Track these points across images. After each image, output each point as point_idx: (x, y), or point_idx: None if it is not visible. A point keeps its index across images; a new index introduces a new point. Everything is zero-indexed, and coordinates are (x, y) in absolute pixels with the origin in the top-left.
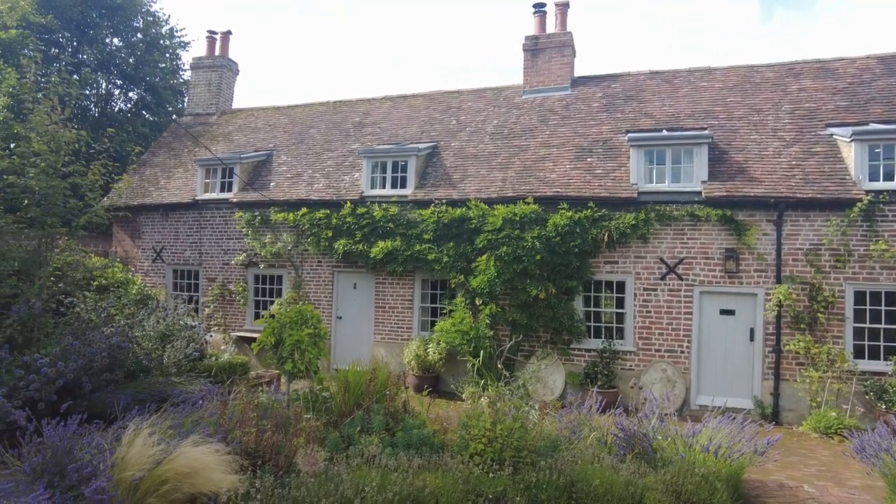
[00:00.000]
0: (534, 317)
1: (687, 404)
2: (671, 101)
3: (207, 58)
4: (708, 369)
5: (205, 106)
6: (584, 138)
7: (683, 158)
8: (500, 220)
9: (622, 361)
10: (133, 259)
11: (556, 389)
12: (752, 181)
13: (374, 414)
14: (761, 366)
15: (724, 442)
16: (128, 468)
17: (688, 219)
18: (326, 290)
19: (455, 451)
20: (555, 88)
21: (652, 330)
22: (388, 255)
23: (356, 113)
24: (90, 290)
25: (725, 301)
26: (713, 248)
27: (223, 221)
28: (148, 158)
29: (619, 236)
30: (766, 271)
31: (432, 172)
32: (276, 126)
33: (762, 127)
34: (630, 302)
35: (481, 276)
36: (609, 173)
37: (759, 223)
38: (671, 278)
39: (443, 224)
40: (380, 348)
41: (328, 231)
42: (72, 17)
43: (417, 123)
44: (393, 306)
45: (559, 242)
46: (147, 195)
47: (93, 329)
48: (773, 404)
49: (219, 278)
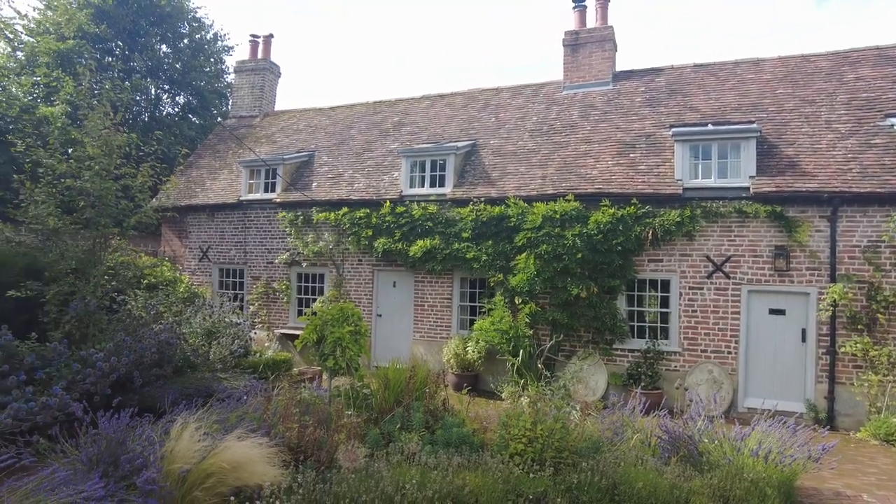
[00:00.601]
0: (575, 316)
1: (734, 406)
2: (717, 94)
3: (250, 61)
4: (756, 371)
5: (248, 108)
6: (626, 133)
7: (730, 153)
8: (539, 218)
9: (666, 362)
10: (181, 258)
11: (597, 390)
12: (804, 176)
13: (413, 412)
14: (814, 368)
15: (775, 447)
16: (176, 461)
17: (735, 215)
18: (366, 288)
19: (495, 450)
20: (596, 83)
21: (697, 330)
22: (426, 254)
23: (395, 113)
24: (140, 288)
25: (775, 300)
26: (762, 245)
27: (267, 221)
28: (194, 160)
29: (663, 234)
30: (820, 269)
31: (471, 171)
32: (318, 127)
33: (815, 119)
34: (675, 301)
35: (520, 274)
36: (653, 169)
37: (812, 219)
38: (718, 277)
39: (481, 222)
40: (419, 346)
41: (368, 230)
42: (124, 26)
43: (456, 122)
44: (432, 304)
45: (601, 240)
46: (193, 196)
47: (143, 326)
48: (828, 408)
49: (263, 277)
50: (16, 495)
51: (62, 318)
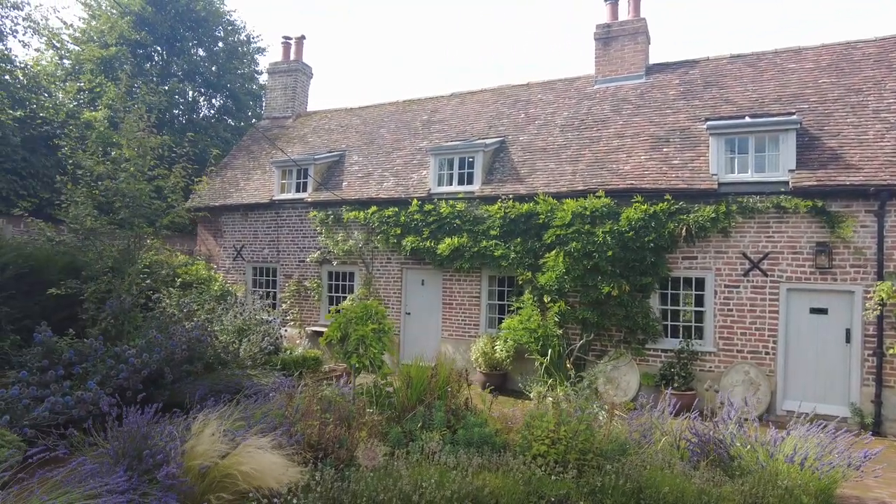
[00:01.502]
0: (605, 315)
1: (772, 409)
2: (754, 85)
3: (283, 63)
4: (796, 372)
5: (281, 109)
6: (659, 128)
7: (768, 146)
8: (569, 215)
9: (701, 363)
10: (216, 257)
11: (629, 391)
12: (849, 168)
13: (435, 410)
14: (860, 370)
15: (813, 452)
16: (196, 457)
17: (773, 211)
18: (395, 286)
19: (517, 451)
20: (628, 77)
21: (734, 329)
22: (454, 252)
23: (424, 111)
24: (174, 286)
25: (816, 299)
26: (802, 241)
27: (299, 220)
28: (229, 161)
29: (697, 230)
30: (865, 266)
31: (499, 168)
32: (349, 127)
33: (861, 109)
34: (710, 300)
35: (549, 272)
36: (687, 164)
37: (857, 214)
38: (755, 274)
39: (509, 220)
40: (447, 344)
41: (396, 228)
42: (163, 32)
43: (485, 119)
44: (460, 303)
45: (632, 237)
46: (228, 196)
47: (175, 323)
48: (875, 413)
49: (295, 275)
50: (46, 486)
51: (99, 315)
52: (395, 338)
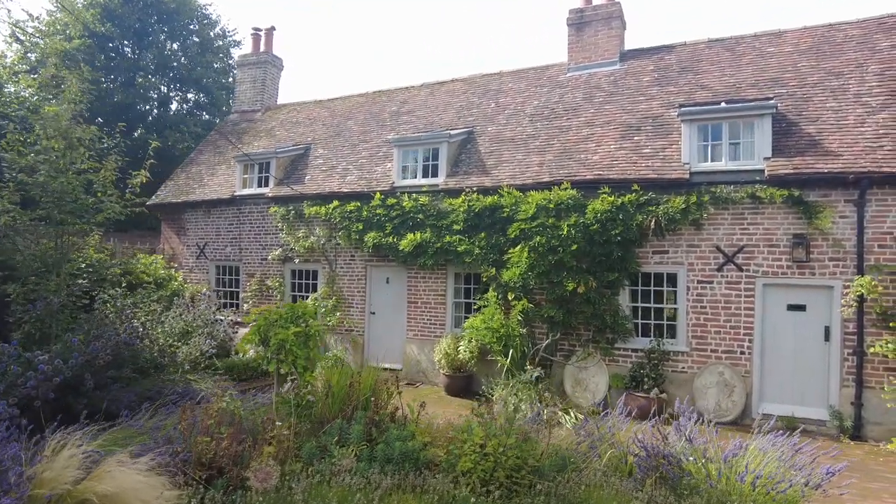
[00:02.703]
0: (572, 313)
1: (747, 412)
2: (732, 70)
3: (252, 55)
4: (773, 373)
5: (250, 103)
6: (631, 115)
7: (743, 133)
8: (533, 208)
9: (673, 363)
10: (179, 256)
11: (598, 393)
12: (827, 155)
13: (354, 423)
14: (839, 370)
15: (770, 468)
16: (44, 484)
17: (748, 201)
18: (359, 284)
19: (444, 468)
20: (602, 64)
21: (707, 328)
22: (417, 248)
23: (394, 102)
24: (122, 286)
25: (794, 295)
26: (778, 233)
27: (260, 217)
28: (195, 157)
29: (667, 223)
30: (845, 260)
31: (466, 159)
32: (316, 120)
33: (842, 93)
34: (682, 296)
35: (513, 268)
36: (658, 153)
37: (835, 204)
38: (729, 269)
39: (474, 213)
40: (412, 345)
41: (359, 224)
42: (130, 24)
43: (454, 109)
44: (425, 301)
45: (598, 231)
46: (191, 192)
47: (106, 326)
48: (855, 416)
49: (257, 274)
50: None
51: (22, 318)
52: (360, 338)
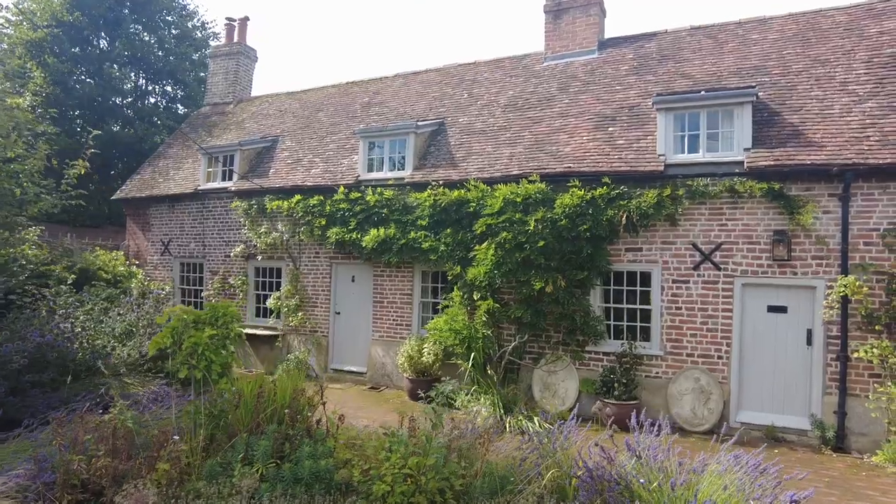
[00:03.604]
0: (540, 314)
1: (725, 421)
2: (714, 58)
3: (225, 45)
4: (752, 379)
5: (222, 95)
6: (606, 105)
7: (722, 122)
8: (499, 202)
9: (647, 368)
10: (144, 252)
11: (567, 399)
12: (810, 146)
13: (265, 437)
14: (822, 377)
15: (730, 492)
16: None
17: (726, 195)
18: (324, 283)
19: (360, 490)
20: (579, 53)
21: (683, 330)
22: (381, 245)
23: (366, 93)
24: (67, 283)
25: (775, 295)
26: (759, 230)
27: (224, 212)
28: (163, 150)
29: (639, 218)
30: (829, 258)
31: (434, 152)
32: (287, 112)
33: (828, 81)
34: (656, 297)
35: (479, 266)
36: (632, 144)
37: (818, 198)
38: (706, 268)
39: (440, 208)
40: (377, 347)
41: (321, 219)
42: (101, 13)
43: (427, 100)
44: (392, 301)
45: (567, 226)
46: (156, 186)
47: (31, 327)
48: (838, 426)
49: (220, 271)
50: None
51: None
52: (324, 340)
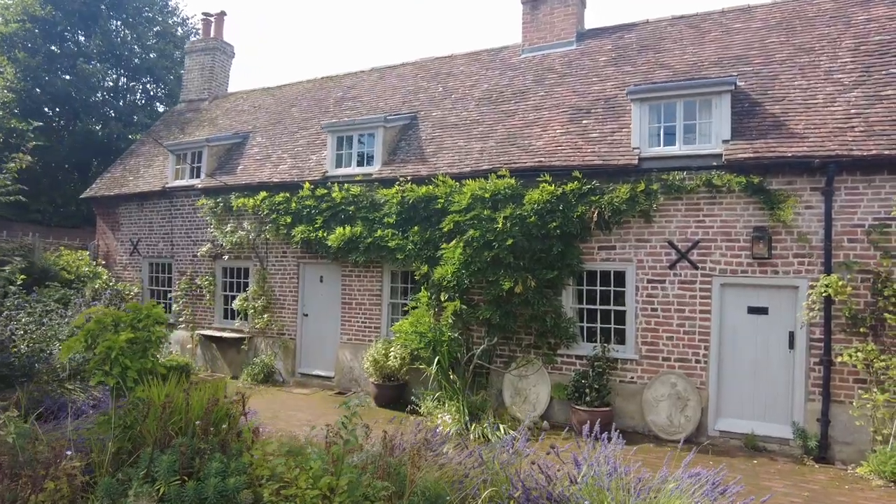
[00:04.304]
0: (510, 315)
1: (702, 429)
2: (694, 48)
3: (201, 41)
4: (732, 385)
5: (198, 91)
6: (582, 98)
7: (699, 113)
8: (467, 198)
9: (621, 372)
10: (113, 252)
11: (538, 405)
12: (792, 138)
13: (170, 452)
14: (804, 382)
15: None
16: None
17: (704, 189)
18: (292, 283)
19: None
20: (557, 44)
21: (658, 333)
22: (348, 243)
23: (341, 87)
24: (14, 284)
25: (755, 296)
26: (738, 226)
27: (192, 210)
28: (136, 148)
29: (612, 214)
30: (811, 256)
31: (405, 146)
32: (260, 107)
33: (812, 70)
34: (631, 297)
35: (446, 266)
36: (606, 137)
37: (800, 193)
38: (683, 267)
39: (408, 205)
40: (345, 351)
41: (287, 217)
42: (76, 8)
43: (401, 94)
44: (360, 302)
45: (536, 223)
46: (125, 185)
47: None
48: (821, 434)
49: (188, 272)
50: None
51: None
52: (291, 343)
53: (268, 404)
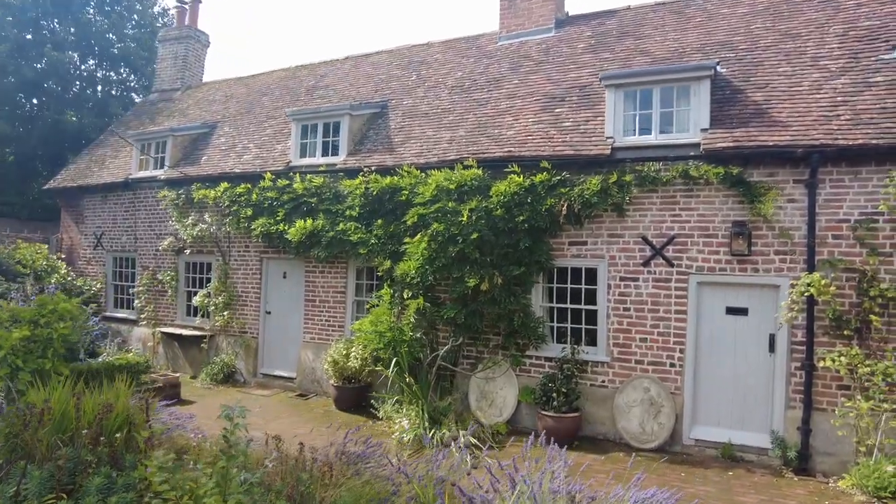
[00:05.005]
0: (476, 314)
1: (677, 438)
2: (676, 34)
3: (174, 29)
4: (709, 390)
5: (171, 81)
6: (557, 86)
7: (677, 100)
8: (431, 190)
9: (592, 375)
10: (77, 246)
11: (505, 409)
12: (774, 126)
13: (48, 465)
14: (784, 388)
15: None
16: None
17: (680, 181)
18: (254, 279)
19: None
20: (535, 31)
21: (631, 334)
22: (309, 237)
23: (314, 76)
24: None
25: (734, 295)
26: (716, 221)
27: (155, 203)
28: (104, 138)
29: (582, 207)
30: (794, 253)
31: (373, 136)
32: (232, 97)
33: (798, 56)
34: (602, 296)
35: (409, 261)
36: (580, 126)
37: (783, 185)
38: (657, 264)
39: (371, 197)
40: (308, 350)
41: (248, 209)
42: None
43: (374, 82)
44: (324, 300)
45: (502, 216)
46: (90, 176)
47: None
48: (802, 444)
49: (151, 266)
50: None
51: None
52: (253, 342)
53: (220, 407)
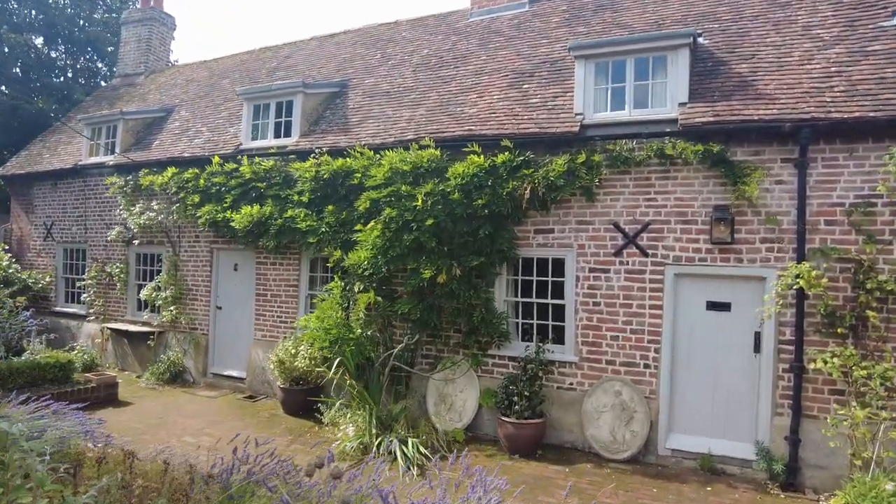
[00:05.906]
0: (434, 309)
1: (651, 447)
2: (656, 6)
3: (138, 10)
4: (687, 395)
5: (134, 65)
6: (527, 61)
7: (653, 72)
8: (385, 172)
9: (559, 377)
10: (27, 237)
11: (465, 413)
12: (760, 99)
13: None
14: (771, 393)
15: None
16: None
17: (655, 161)
18: (205, 272)
19: None
20: (508, 6)
21: (601, 331)
22: (257, 225)
23: (277, 58)
24: None
25: (715, 288)
26: (695, 206)
27: (104, 190)
28: (60, 126)
29: (547, 190)
30: (782, 241)
31: (329, 116)
32: (193, 81)
33: (788, 25)
34: (570, 289)
35: (360, 251)
36: (547, 102)
37: (770, 165)
38: (630, 253)
39: (322, 181)
40: (258, 349)
41: (195, 196)
42: None
43: (337, 61)
44: (276, 294)
45: (460, 201)
46: (40, 162)
47: None
48: (789, 456)
49: (101, 258)
50: None
51: None
52: (203, 339)
53: (160, 409)
